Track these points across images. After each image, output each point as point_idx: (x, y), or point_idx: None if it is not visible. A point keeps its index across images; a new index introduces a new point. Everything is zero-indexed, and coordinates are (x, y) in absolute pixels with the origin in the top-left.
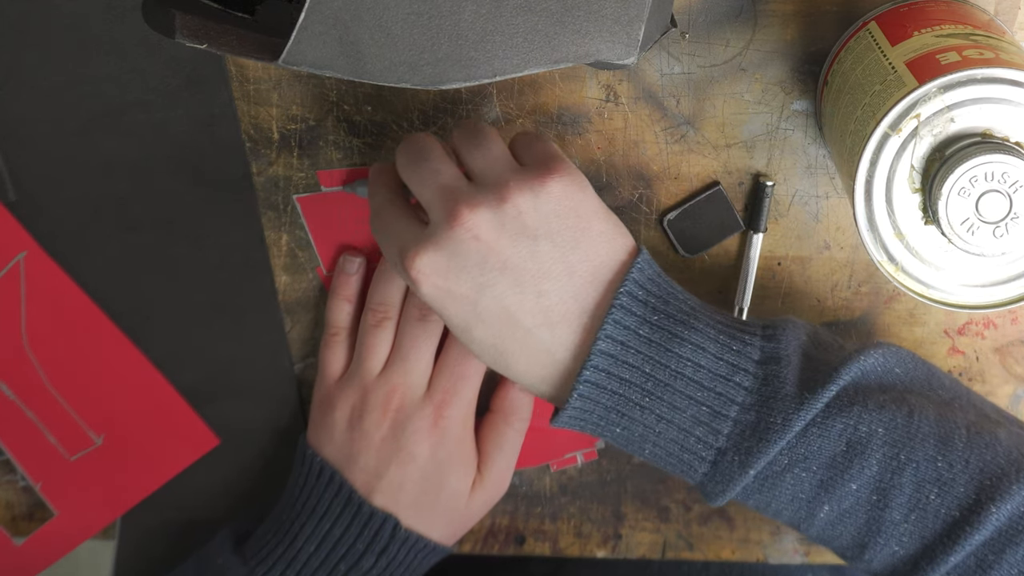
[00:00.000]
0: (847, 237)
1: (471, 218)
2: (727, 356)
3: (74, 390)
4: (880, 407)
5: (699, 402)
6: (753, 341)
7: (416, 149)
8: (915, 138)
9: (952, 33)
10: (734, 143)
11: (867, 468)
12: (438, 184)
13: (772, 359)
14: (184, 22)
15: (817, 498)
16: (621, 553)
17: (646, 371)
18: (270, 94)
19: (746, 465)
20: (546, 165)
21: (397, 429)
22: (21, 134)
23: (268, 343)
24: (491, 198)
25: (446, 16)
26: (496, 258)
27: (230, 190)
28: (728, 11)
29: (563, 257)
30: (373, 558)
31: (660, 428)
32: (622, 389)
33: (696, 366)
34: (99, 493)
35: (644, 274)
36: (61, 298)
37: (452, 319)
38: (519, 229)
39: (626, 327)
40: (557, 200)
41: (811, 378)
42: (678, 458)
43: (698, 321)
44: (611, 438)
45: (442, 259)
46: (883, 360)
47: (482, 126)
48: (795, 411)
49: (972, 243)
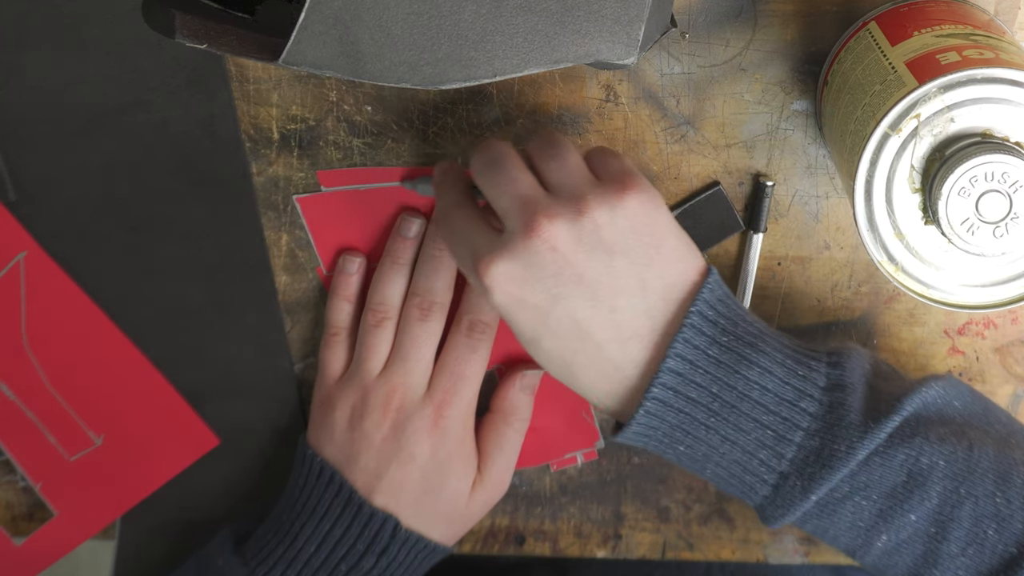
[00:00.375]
0: (847, 237)
1: (549, 229)
2: (794, 381)
3: (74, 390)
4: (941, 440)
5: (764, 425)
6: (819, 367)
7: (493, 155)
8: (915, 138)
9: (952, 33)
10: (734, 143)
11: (927, 500)
12: (516, 193)
13: (837, 386)
14: (184, 22)
15: (876, 527)
16: (621, 553)
17: (713, 391)
18: (270, 94)
19: (808, 490)
20: (623, 181)
21: (397, 429)
22: (21, 134)
23: (268, 343)
24: (569, 210)
25: (446, 16)
26: (571, 271)
27: (230, 190)
28: (728, 11)
29: (637, 273)
30: (374, 558)
31: (724, 448)
32: (688, 408)
33: (763, 389)
34: (99, 493)
35: (715, 294)
36: (61, 298)
37: (521, 328)
38: (595, 243)
39: (696, 347)
40: (634, 216)
41: (875, 407)
42: (740, 479)
43: (766, 344)
44: (673, 456)
45: (517, 268)
46: (943, 393)
47: (559, 137)
48: (859, 440)
49: (972, 243)
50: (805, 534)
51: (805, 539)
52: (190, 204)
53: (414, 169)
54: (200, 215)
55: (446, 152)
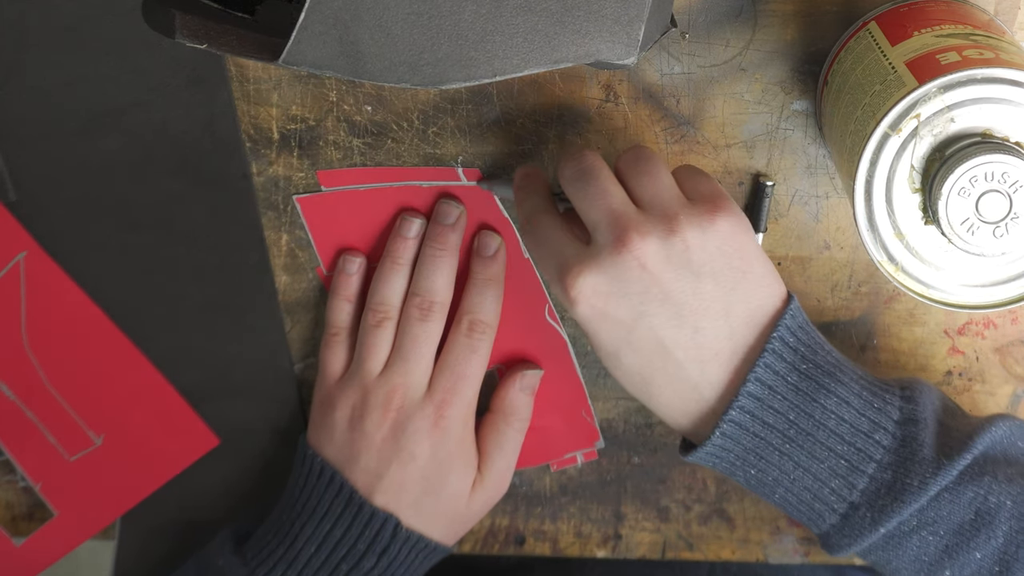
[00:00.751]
0: (847, 237)
1: (640, 245)
2: (869, 412)
3: (74, 390)
4: (1009, 480)
5: (838, 455)
6: (893, 400)
7: (585, 166)
8: (915, 138)
9: (952, 33)
10: (734, 143)
11: (993, 539)
12: (608, 206)
13: (910, 420)
14: (184, 22)
15: (940, 563)
16: (621, 553)
17: (790, 418)
18: (270, 94)
19: (878, 522)
20: (714, 202)
21: (398, 429)
22: (21, 134)
23: (268, 343)
24: (660, 228)
25: (446, 16)
26: (658, 289)
27: (230, 190)
28: (728, 11)
29: (723, 296)
30: (375, 558)
31: (796, 475)
32: (764, 432)
33: (839, 419)
34: (99, 493)
35: (796, 321)
36: (61, 298)
37: (602, 342)
38: (684, 263)
39: (776, 372)
40: (724, 239)
41: (946, 443)
42: (808, 506)
43: (843, 374)
44: (742, 478)
45: (604, 282)
46: (1008, 432)
47: (650, 153)
48: (932, 475)
49: (972, 243)
50: (805, 534)
51: (805, 539)
52: (190, 204)
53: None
54: (200, 215)
55: (446, 152)
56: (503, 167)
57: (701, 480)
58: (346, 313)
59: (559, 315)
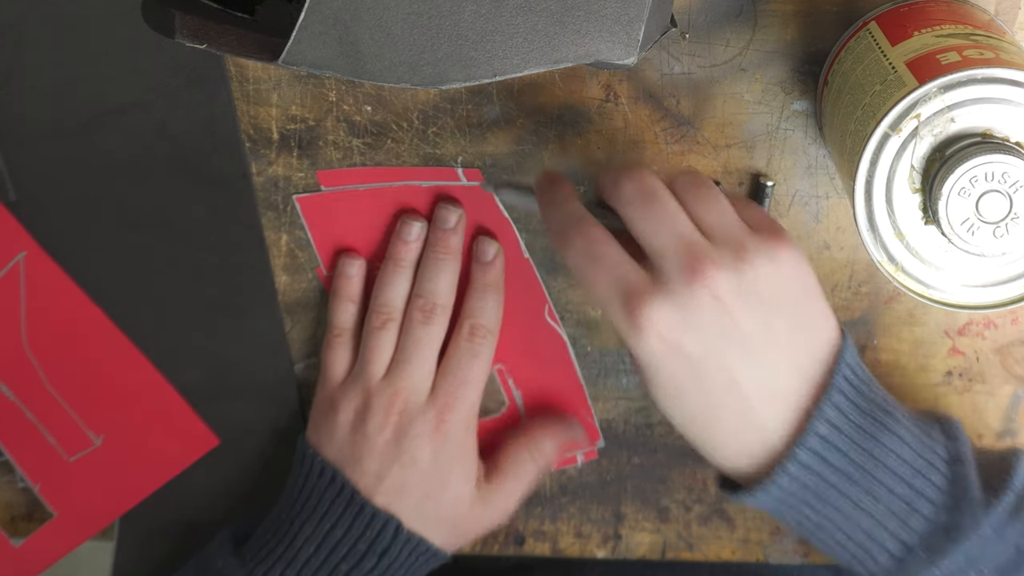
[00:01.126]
0: (847, 237)
1: (715, 277)
2: (924, 452)
3: (74, 390)
4: None
5: (897, 495)
6: (938, 437)
7: (647, 187)
8: (915, 138)
9: (952, 33)
10: (734, 143)
11: None
12: (677, 232)
13: (957, 459)
14: (184, 22)
15: None
16: (621, 553)
17: (852, 457)
18: (270, 94)
19: (932, 563)
20: (776, 233)
21: (400, 433)
22: (21, 134)
23: (268, 343)
24: (732, 258)
25: (446, 16)
26: (730, 322)
27: (230, 190)
28: (728, 11)
29: (790, 331)
30: (375, 559)
31: (853, 515)
32: (826, 472)
33: (899, 459)
34: (98, 494)
35: (853, 357)
36: (61, 298)
37: (665, 378)
38: (754, 295)
39: (841, 411)
40: (790, 271)
41: (986, 482)
42: (861, 546)
43: (897, 412)
44: (793, 518)
45: (676, 313)
46: None
47: (708, 180)
48: (984, 515)
49: (972, 243)
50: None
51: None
52: (190, 204)
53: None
54: (200, 215)
55: (446, 152)
56: (503, 167)
57: (701, 480)
58: (349, 314)
59: (559, 315)
